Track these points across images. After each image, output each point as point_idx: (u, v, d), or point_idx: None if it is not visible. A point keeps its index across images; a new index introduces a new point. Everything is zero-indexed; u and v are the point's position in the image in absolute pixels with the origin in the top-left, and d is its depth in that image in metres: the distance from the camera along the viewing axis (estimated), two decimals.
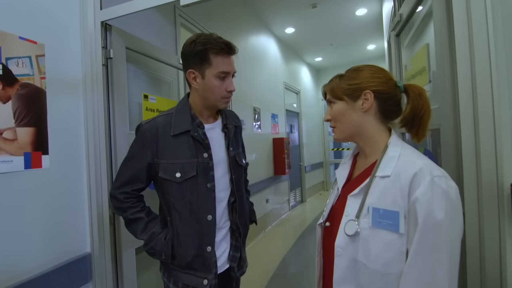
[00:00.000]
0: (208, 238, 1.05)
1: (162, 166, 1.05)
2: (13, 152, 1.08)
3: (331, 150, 7.36)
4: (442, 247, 0.60)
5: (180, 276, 1.07)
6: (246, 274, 1.21)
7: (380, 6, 3.99)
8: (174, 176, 1.03)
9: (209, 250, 1.05)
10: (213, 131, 1.12)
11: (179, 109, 1.10)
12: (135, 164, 1.07)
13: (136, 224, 1.06)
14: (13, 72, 1.10)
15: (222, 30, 3.15)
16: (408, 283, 0.62)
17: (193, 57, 1.03)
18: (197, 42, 1.01)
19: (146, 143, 1.06)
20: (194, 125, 1.06)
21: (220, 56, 1.02)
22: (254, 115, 3.93)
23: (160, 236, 1.05)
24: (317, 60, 6.61)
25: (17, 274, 1.07)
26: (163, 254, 1.03)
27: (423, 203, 0.62)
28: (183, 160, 1.04)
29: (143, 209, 1.09)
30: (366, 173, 0.76)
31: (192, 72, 1.05)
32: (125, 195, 1.07)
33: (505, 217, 0.81)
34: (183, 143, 1.05)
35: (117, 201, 1.08)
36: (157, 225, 1.07)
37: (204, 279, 1.04)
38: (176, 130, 1.05)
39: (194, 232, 1.04)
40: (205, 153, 1.06)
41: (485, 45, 0.82)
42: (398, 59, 1.80)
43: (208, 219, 1.04)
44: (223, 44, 1.02)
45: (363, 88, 0.75)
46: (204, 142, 1.06)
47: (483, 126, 0.83)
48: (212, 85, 1.04)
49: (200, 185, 1.04)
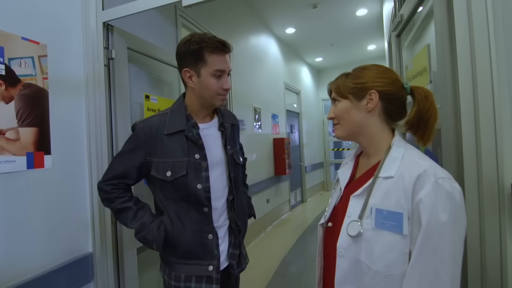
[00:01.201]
0: (208, 227, 1.05)
1: (154, 164, 1.05)
2: (15, 152, 1.09)
3: (331, 150, 7.36)
4: (445, 248, 0.60)
5: (182, 268, 1.06)
6: (247, 273, 1.21)
7: (381, 6, 3.99)
8: (165, 175, 1.03)
9: (210, 238, 1.04)
10: (209, 130, 1.12)
11: (174, 109, 1.10)
12: (127, 161, 1.07)
13: (125, 214, 1.06)
14: (16, 72, 1.10)
15: (223, 31, 3.15)
16: (411, 284, 0.62)
17: (188, 56, 1.03)
18: (191, 42, 1.01)
19: (140, 142, 1.06)
20: (189, 125, 1.06)
21: (215, 55, 1.02)
22: (255, 115, 3.93)
23: (152, 225, 1.04)
24: (318, 60, 6.62)
25: (18, 274, 1.08)
26: (154, 244, 1.03)
27: (427, 204, 0.62)
28: (174, 159, 1.04)
29: (131, 198, 1.09)
30: (369, 174, 0.76)
31: (188, 71, 1.05)
32: (112, 186, 1.07)
33: (506, 217, 0.81)
34: (176, 142, 1.05)
35: (104, 192, 1.08)
36: (146, 213, 1.07)
37: (209, 265, 1.04)
38: (170, 129, 1.05)
39: (193, 222, 1.04)
40: (197, 154, 1.05)
41: (486, 45, 0.83)
42: (399, 59, 1.81)
43: (205, 211, 1.05)
44: (218, 42, 1.02)
45: (368, 87, 0.75)
46: (198, 142, 1.05)
47: (483, 126, 0.83)
48: (208, 84, 1.03)
49: (190, 186, 1.03)
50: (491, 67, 0.82)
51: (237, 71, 3.42)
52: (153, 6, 1.29)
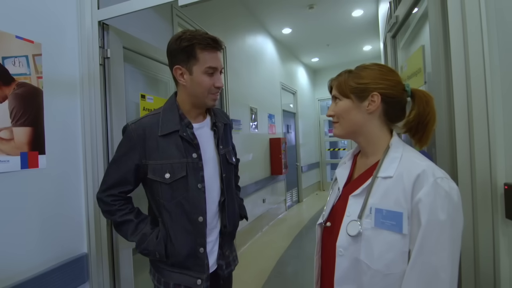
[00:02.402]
0: (200, 239, 1.04)
1: (150, 167, 1.03)
2: (9, 152, 1.07)
3: (327, 150, 7.39)
4: (444, 246, 0.62)
5: (172, 276, 1.05)
6: (243, 273, 1.21)
7: (376, 7, 4.02)
8: (163, 177, 1.01)
9: (202, 252, 1.04)
10: (202, 130, 1.11)
11: (166, 109, 1.08)
12: (122, 166, 1.04)
13: (126, 226, 1.04)
14: (10, 71, 1.09)
15: (219, 30, 3.15)
16: (411, 282, 0.63)
17: (180, 53, 1.01)
18: (183, 38, 1.00)
19: (133, 144, 1.03)
20: (183, 125, 1.05)
21: (207, 52, 1.00)
22: (251, 115, 3.93)
23: (151, 236, 1.03)
24: (314, 60, 6.64)
25: (12, 275, 1.07)
26: (157, 254, 1.02)
27: (426, 204, 0.63)
28: (172, 161, 1.02)
29: (132, 210, 1.07)
30: (367, 174, 0.76)
31: (179, 69, 1.03)
32: (112, 198, 1.05)
33: (499, 216, 0.83)
34: (172, 143, 1.03)
35: (104, 204, 1.06)
36: (147, 225, 1.06)
37: (197, 278, 1.03)
38: (164, 130, 1.03)
39: (186, 232, 1.03)
40: (194, 153, 1.04)
41: (480, 47, 0.84)
42: (395, 60, 1.82)
43: (199, 221, 1.03)
44: (210, 39, 1.00)
45: (371, 89, 0.74)
46: (193, 142, 1.04)
47: (477, 127, 0.84)
48: (200, 81, 1.02)
49: (191, 186, 1.02)
50: (484, 68, 0.83)
51: (233, 71, 3.42)
52: (149, 6, 1.28)
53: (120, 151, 1.06)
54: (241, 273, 2.84)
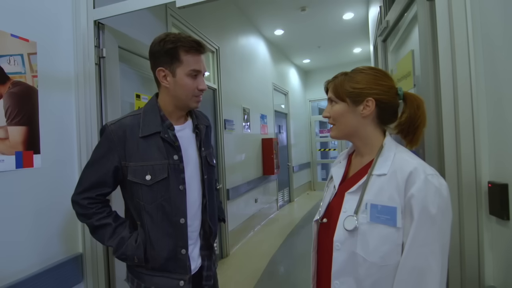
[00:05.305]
0: (182, 241, 1.02)
1: (131, 169, 1.00)
2: (4, 151, 1.07)
3: (318, 150, 7.47)
4: (435, 238, 0.66)
5: (152, 280, 1.02)
6: (236, 273, 1.21)
7: (366, 11, 4.10)
8: (144, 179, 0.99)
9: (184, 253, 1.02)
10: (184, 132, 1.09)
11: (147, 110, 1.06)
12: (100, 168, 1.01)
13: (103, 230, 1.00)
14: (5, 70, 1.08)
15: (213, 31, 3.16)
16: (405, 272, 0.67)
17: (163, 55, 1.00)
18: (166, 41, 0.99)
19: (112, 146, 1.00)
20: (164, 126, 1.03)
21: (191, 55, 1.00)
22: (244, 116, 3.95)
23: (130, 240, 1.00)
24: (305, 62, 6.71)
25: (7, 275, 1.06)
26: (135, 258, 0.99)
27: (418, 199, 0.67)
28: (153, 162, 1.00)
29: (110, 214, 1.03)
30: (362, 172, 0.80)
31: (162, 71, 1.02)
32: (89, 201, 1.00)
33: (483, 213, 0.88)
34: (153, 145, 1.01)
35: (80, 207, 1.00)
36: (125, 229, 1.02)
37: (180, 280, 1.01)
38: (145, 131, 1.01)
39: (167, 235, 1.01)
40: (175, 155, 1.02)
41: (465, 52, 0.90)
42: (385, 63, 1.88)
43: (181, 222, 1.02)
44: (193, 42, 1.00)
45: (366, 94, 0.78)
46: (175, 144, 1.03)
47: (463, 129, 0.89)
48: (183, 84, 1.01)
49: (172, 187, 1.01)
50: (470, 73, 0.89)
51: (226, 71, 3.43)
52: (145, 6, 1.29)
53: (98, 153, 1.03)
54: (234, 272, 2.86)
